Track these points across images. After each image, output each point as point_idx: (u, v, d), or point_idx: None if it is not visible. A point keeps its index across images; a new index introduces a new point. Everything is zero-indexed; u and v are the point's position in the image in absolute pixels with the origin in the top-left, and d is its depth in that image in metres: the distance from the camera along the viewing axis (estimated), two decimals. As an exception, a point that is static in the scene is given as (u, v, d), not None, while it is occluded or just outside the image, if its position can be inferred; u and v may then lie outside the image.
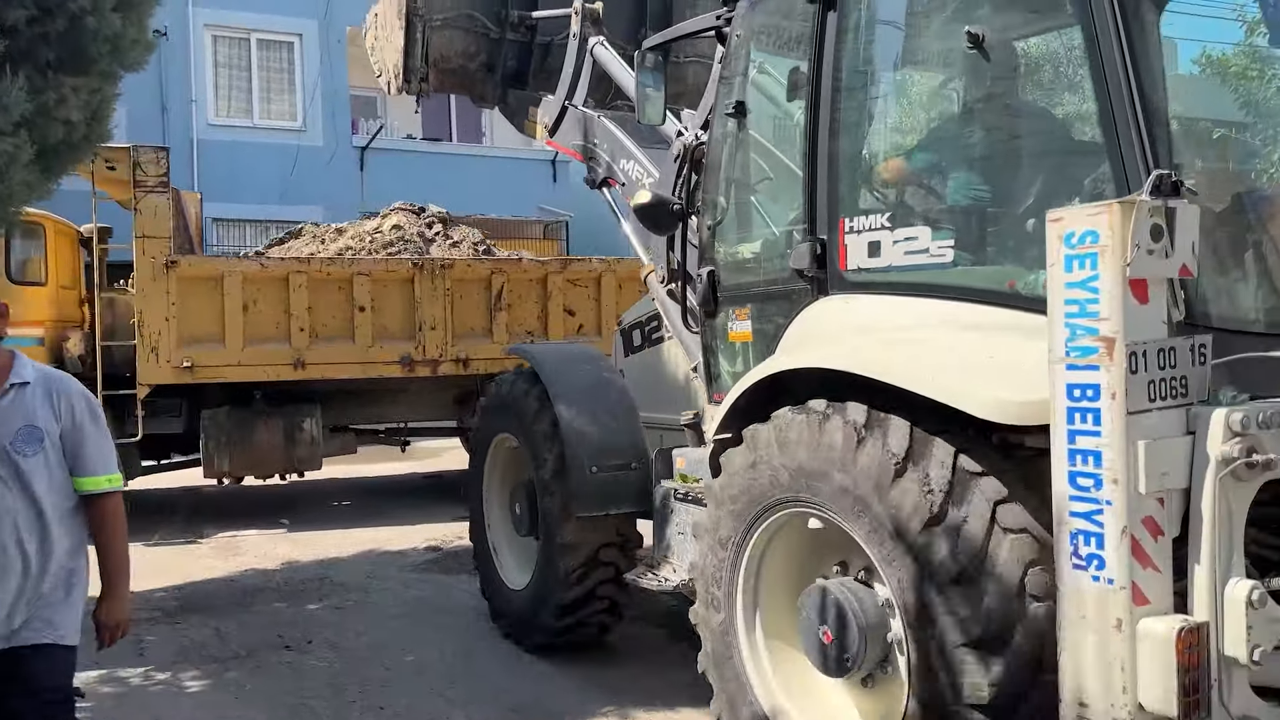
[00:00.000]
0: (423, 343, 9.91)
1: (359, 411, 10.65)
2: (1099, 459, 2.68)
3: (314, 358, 9.59)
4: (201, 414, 9.66)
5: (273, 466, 9.84)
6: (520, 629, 5.94)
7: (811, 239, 4.05)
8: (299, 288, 9.54)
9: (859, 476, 3.31)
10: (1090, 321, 2.69)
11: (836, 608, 3.48)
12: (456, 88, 7.96)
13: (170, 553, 8.82)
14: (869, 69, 4.11)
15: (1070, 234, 2.74)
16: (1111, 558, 2.67)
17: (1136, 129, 3.10)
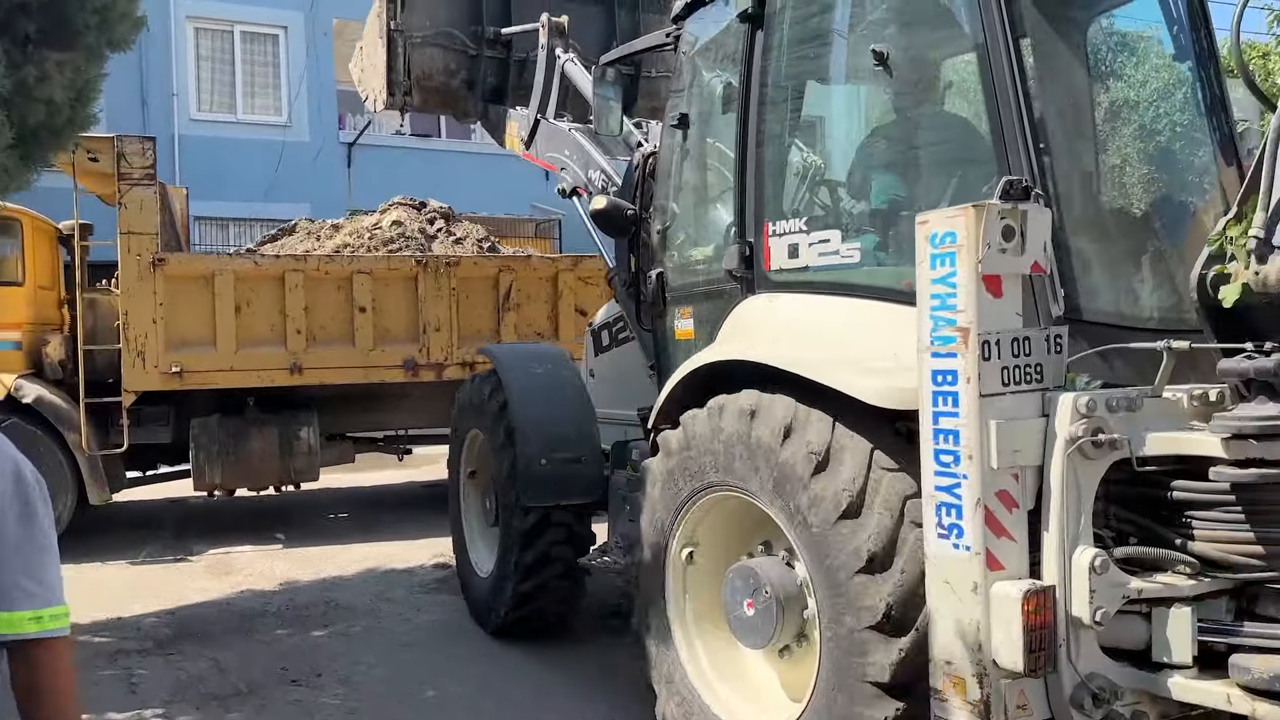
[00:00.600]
0: (427, 345, 9.33)
1: (357, 418, 10.07)
2: (957, 437, 2.96)
3: (311, 362, 9.00)
4: (191, 423, 9.05)
5: (268, 478, 9.24)
6: (482, 613, 6.28)
7: (740, 241, 4.38)
8: (295, 287, 8.95)
9: (760, 455, 3.65)
10: (950, 314, 2.96)
11: (755, 581, 3.78)
12: (440, 106, 8.24)
13: (158, 572, 8.21)
14: (790, 83, 4.39)
15: (935, 234, 3.01)
16: (968, 527, 2.94)
17: (1024, 141, 3.39)
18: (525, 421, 5.63)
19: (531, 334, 9.62)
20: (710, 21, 4.90)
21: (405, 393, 10.01)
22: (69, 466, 8.64)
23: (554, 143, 6.97)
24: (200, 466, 8.95)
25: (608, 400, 6.01)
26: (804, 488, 3.47)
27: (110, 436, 8.85)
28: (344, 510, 10.84)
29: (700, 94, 5.07)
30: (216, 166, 17.99)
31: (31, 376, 8.72)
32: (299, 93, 19.54)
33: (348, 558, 8.52)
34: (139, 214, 8.53)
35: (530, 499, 5.53)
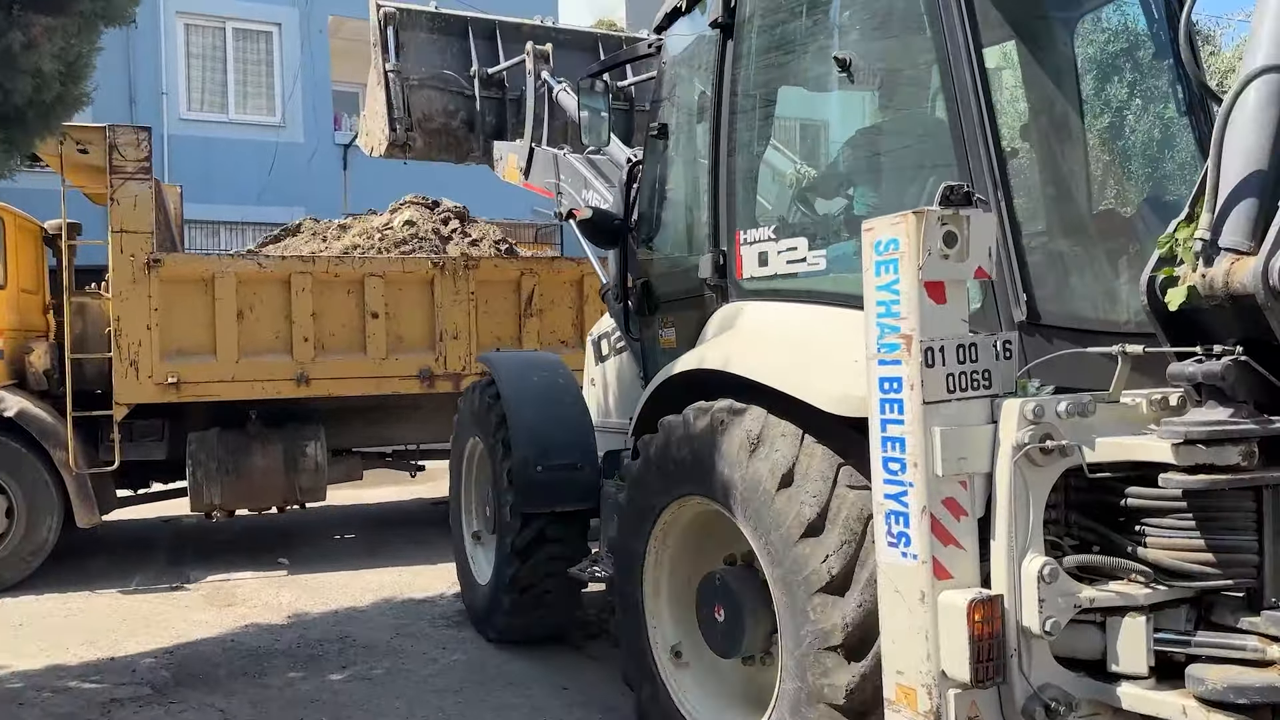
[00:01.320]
0: (444, 354, 8.65)
1: (365, 432, 9.36)
2: (903, 445, 2.93)
3: (320, 372, 8.31)
4: (187, 438, 8.33)
5: (272, 498, 8.53)
6: (482, 621, 6.26)
7: (714, 250, 4.42)
8: (302, 291, 8.26)
9: (729, 465, 3.65)
10: (893, 320, 2.94)
11: (724, 591, 3.87)
12: (444, 150, 8.75)
13: (152, 602, 7.48)
14: (759, 91, 4.38)
15: (879, 242, 2.99)
16: (915, 535, 2.90)
17: (985, 146, 3.36)
18: (521, 428, 5.65)
19: (555, 341, 8.95)
20: (687, 31, 4.93)
21: (415, 404, 9.33)
22: (55, 486, 7.91)
23: (550, 169, 7.21)
24: (198, 485, 8.23)
25: (606, 409, 6.06)
26: (769, 502, 3.46)
27: (100, 453, 8.14)
28: (350, 530, 10.11)
29: (679, 103, 5.10)
30: (207, 168, 17.28)
31: (14, 388, 7.99)
32: (293, 92, 18.86)
33: (360, 585, 7.82)
34: (133, 211, 7.82)
35: (525, 505, 5.54)
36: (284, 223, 18.87)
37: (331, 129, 19.33)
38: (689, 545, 4.24)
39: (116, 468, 7.99)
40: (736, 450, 3.62)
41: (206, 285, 8.07)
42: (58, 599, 7.56)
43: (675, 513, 4.15)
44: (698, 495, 3.92)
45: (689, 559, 4.25)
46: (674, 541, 4.27)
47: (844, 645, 3.22)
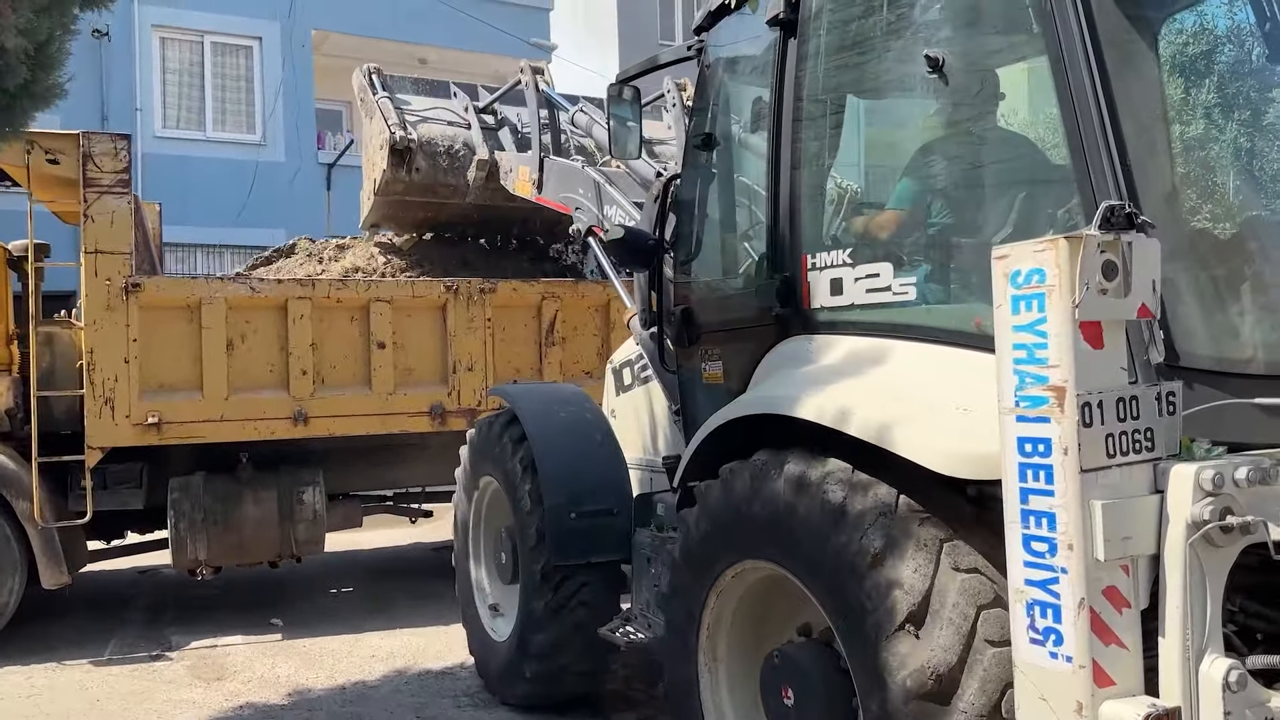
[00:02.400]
0: (457, 387, 7.76)
1: (367, 474, 8.43)
2: (1053, 521, 2.49)
3: (320, 409, 7.40)
4: (169, 484, 7.39)
5: (265, 552, 7.58)
6: (502, 682, 5.64)
7: (775, 276, 3.96)
8: (300, 318, 7.36)
9: (807, 532, 3.20)
10: (1039, 369, 2.53)
11: (796, 675, 3.40)
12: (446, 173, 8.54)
13: (130, 677, 6.51)
14: (828, 96, 3.98)
15: (1016, 272, 2.57)
16: (1069, 633, 2.46)
17: (1109, 158, 2.94)
18: (551, 471, 5.19)
19: (579, 372, 8.09)
20: (735, 31, 4.49)
21: (424, 443, 8.42)
22: (17, 541, 6.94)
23: (567, 182, 6.85)
24: (181, 539, 7.28)
25: (629, 443, 5.62)
26: (858, 582, 2.97)
27: (69, 503, 7.20)
28: (346, 583, 9.15)
29: (726, 111, 4.66)
30: (183, 187, 16.30)
31: (-29, 430, 7.03)
32: (274, 109, 17.97)
33: (365, 653, 6.89)
34: (109, 229, 6.91)
35: (558, 556, 5.08)
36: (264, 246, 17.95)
37: (315, 148, 18.44)
38: (754, 610, 3.77)
39: (89, 520, 7.03)
40: (819, 514, 3.13)
41: (192, 312, 7.16)
42: (19, 674, 6.57)
43: (739, 575, 3.65)
44: (767, 561, 3.43)
45: (753, 626, 3.79)
46: (736, 605, 3.78)
47: (938, 690, 2.73)
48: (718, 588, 3.73)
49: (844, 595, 3.03)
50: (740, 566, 3.61)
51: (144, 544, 8.13)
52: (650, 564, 4.89)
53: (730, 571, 3.65)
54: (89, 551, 7.68)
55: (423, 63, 19.47)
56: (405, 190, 8.52)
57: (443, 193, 8.59)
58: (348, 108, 20.21)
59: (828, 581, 3.12)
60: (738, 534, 3.56)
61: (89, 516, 7.00)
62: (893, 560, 2.92)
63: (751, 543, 3.50)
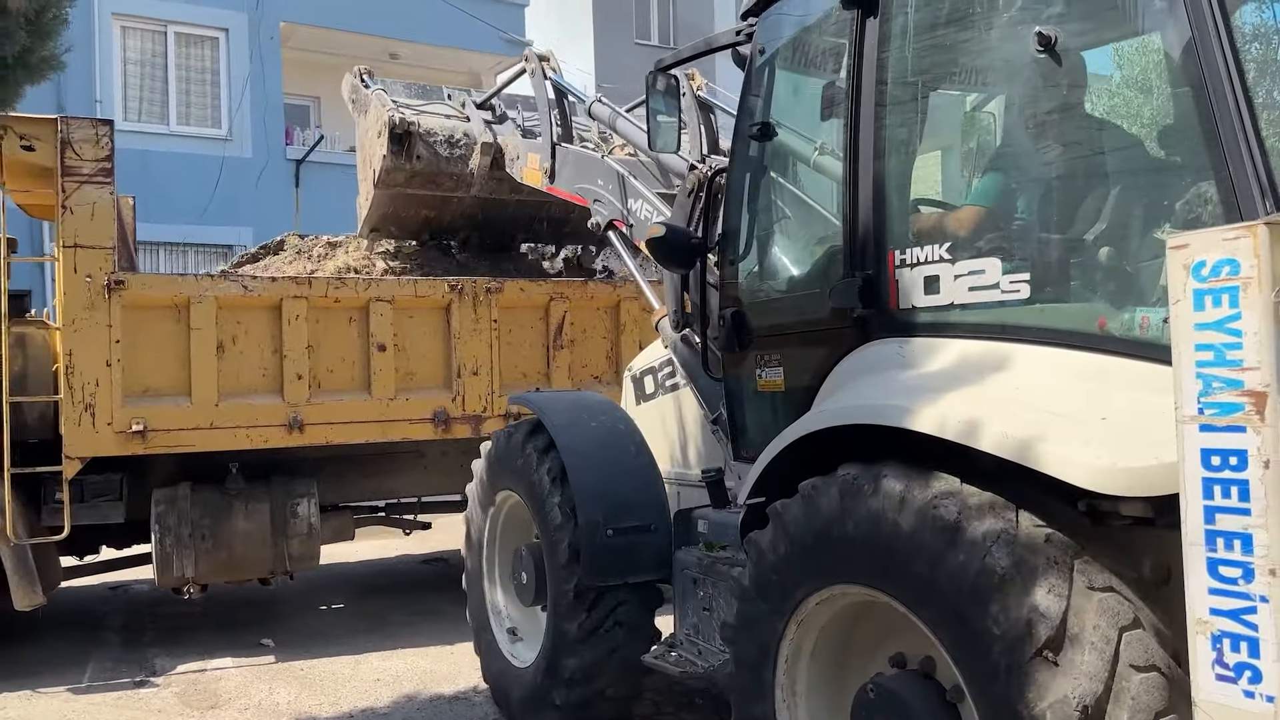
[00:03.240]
0: (462, 393, 7.33)
1: (360, 485, 7.97)
2: (1248, 543, 2.20)
3: (316, 416, 6.93)
4: (153, 496, 6.88)
5: (256, 568, 7.09)
6: (526, 710, 5.20)
7: (855, 275, 3.66)
8: (296, 319, 6.89)
9: (916, 554, 2.87)
10: (1231, 371, 2.24)
11: (897, 708, 3.06)
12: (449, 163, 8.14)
13: (114, 706, 6.00)
14: (919, 80, 3.66)
15: (1200, 264, 2.31)
16: (1271, 670, 2.19)
17: (1246, 142, 2.66)
18: (585, 485, 4.88)
19: (588, 378, 7.70)
20: (794, 14, 4.22)
21: (420, 452, 7.99)
22: (-13, 559, 6.40)
23: (584, 172, 6.54)
24: (167, 555, 6.77)
25: (655, 456, 5.26)
26: (981, 607, 2.69)
27: (43, 517, 6.66)
28: (337, 598, 8.66)
29: (783, 99, 4.34)
30: (145, 184, 15.46)
31: (-64, 438, 6.47)
32: (241, 103, 17.36)
33: (369, 676, 6.43)
34: (90, 221, 6.39)
35: (593, 577, 4.79)
36: (229, 244, 17.46)
37: (283, 143, 17.85)
38: (836, 641, 3.49)
39: (65, 536, 6.50)
40: (930, 534, 2.84)
41: (180, 312, 6.66)
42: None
43: (824, 602, 3.35)
44: (861, 586, 3.14)
45: (835, 658, 3.51)
46: (817, 636, 3.48)
47: None
48: (798, 617, 3.42)
49: (964, 622, 2.75)
50: (827, 593, 3.30)
51: (122, 560, 7.60)
52: (697, 585, 4.62)
53: (814, 599, 3.34)
54: (62, 569, 7.13)
55: (394, 57, 18.97)
56: (407, 181, 8.06)
57: (446, 184, 8.15)
58: (316, 103, 19.68)
59: (942, 608, 2.83)
60: (825, 557, 3.24)
61: (66, 532, 6.46)
62: (1022, 581, 2.64)
63: (842, 566, 3.19)
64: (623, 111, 6.62)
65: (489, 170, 8.00)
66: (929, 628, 2.90)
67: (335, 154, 18.17)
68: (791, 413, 3.95)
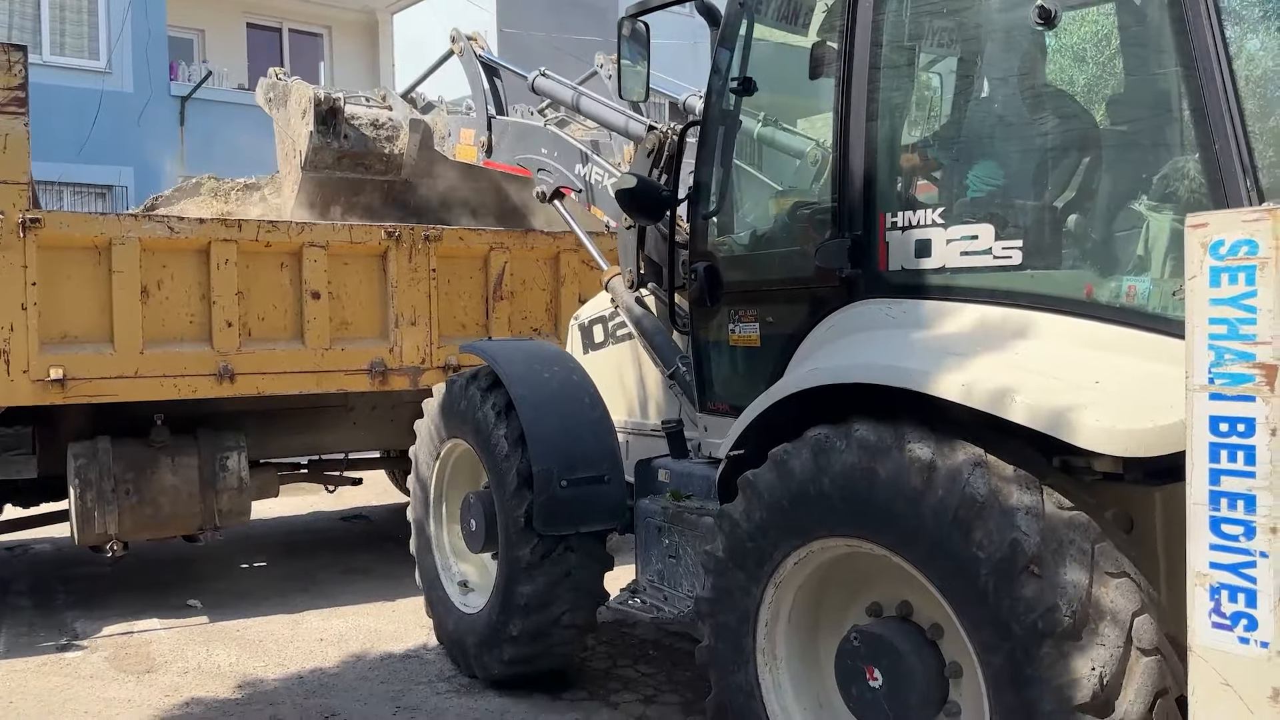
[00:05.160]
0: (399, 343, 7.07)
1: (286, 441, 7.64)
2: (1251, 503, 2.41)
3: (247, 365, 6.59)
4: (70, 450, 6.46)
5: (184, 524, 6.73)
6: (475, 657, 5.26)
7: (844, 235, 3.73)
8: (225, 263, 6.51)
9: (931, 516, 2.96)
10: (1245, 345, 2.42)
11: (893, 660, 3.21)
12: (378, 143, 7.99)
13: (41, 672, 5.65)
14: (915, 44, 3.77)
15: (1219, 243, 2.47)
16: (1266, 618, 2.40)
17: (1231, 123, 2.85)
18: (540, 436, 4.90)
19: (527, 329, 7.54)
20: None
21: (348, 405, 7.72)
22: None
23: (526, 142, 6.55)
24: (88, 511, 6.37)
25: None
26: (1004, 586, 2.80)
27: (-50, 473, 6.19)
28: (258, 557, 8.34)
29: (766, 54, 4.37)
30: (17, 118, 14.66)
31: None
32: (121, 33, 16.36)
33: (310, 636, 6.22)
34: (1, 154, 5.90)
35: (547, 526, 4.83)
36: (109, 184, 16.54)
37: (167, 79, 16.91)
38: (810, 600, 3.62)
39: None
40: (955, 503, 2.91)
41: (101, 254, 6.22)
42: (-99, 673, 5.62)
43: (806, 558, 3.45)
44: (860, 539, 3.22)
45: (809, 617, 3.65)
46: (794, 595, 3.59)
47: (1089, 702, 2.67)
48: (776, 579, 3.53)
49: (985, 600, 2.85)
50: (822, 544, 3.38)
51: (28, 519, 7.14)
52: (662, 534, 4.67)
53: (807, 548, 3.42)
54: (-35, 529, 6.68)
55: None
56: (336, 162, 7.80)
57: (376, 167, 7.98)
58: (200, 36, 18.72)
59: (963, 581, 2.92)
60: (830, 509, 3.29)
61: (-22, 488, 6.04)
62: (1048, 559, 2.77)
63: (848, 520, 3.25)
64: (568, 82, 6.56)
65: (419, 152, 7.84)
66: (940, 589, 3.00)
67: (223, 90, 17.36)
68: (767, 368, 4.06)
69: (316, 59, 20.32)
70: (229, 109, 16.72)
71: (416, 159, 7.95)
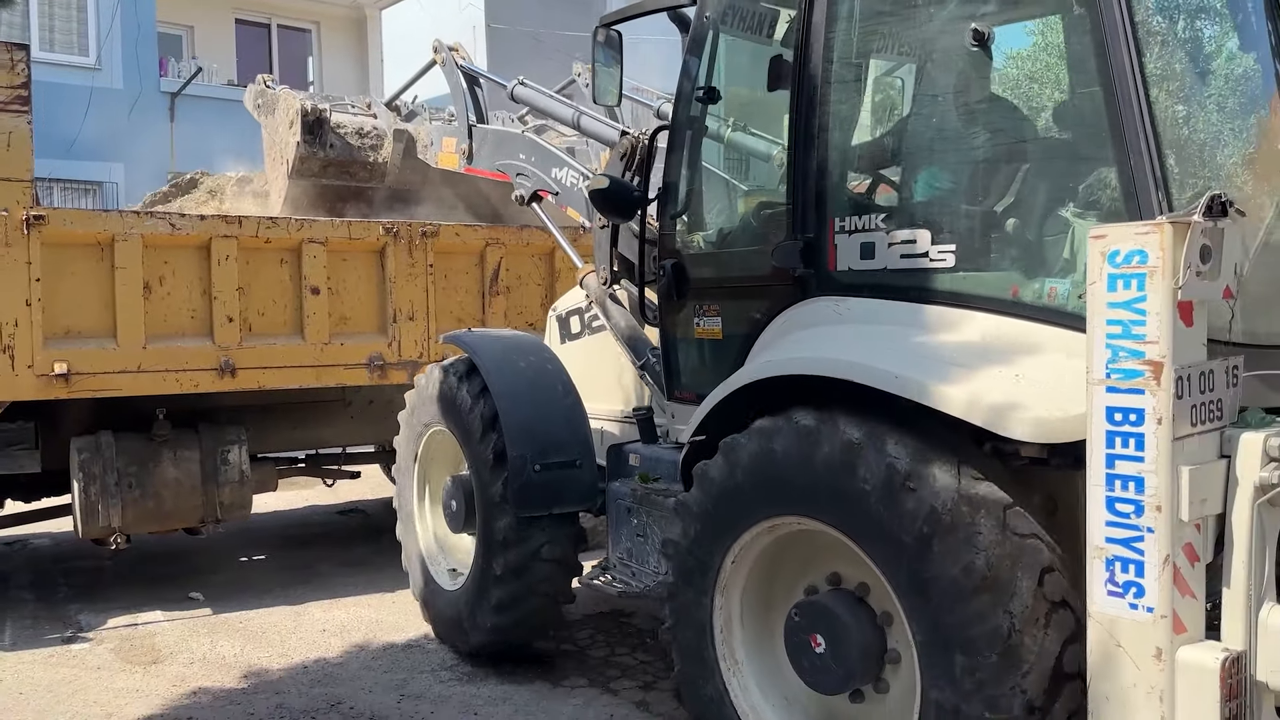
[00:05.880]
0: (398, 338, 7.16)
1: (285, 435, 7.73)
2: (1141, 485, 2.69)
3: (248, 360, 6.67)
4: (73, 445, 6.53)
5: (186, 517, 6.81)
6: (456, 631, 5.59)
7: (797, 237, 3.95)
8: (225, 259, 6.59)
9: (863, 493, 3.24)
10: (1135, 344, 2.70)
11: (831, 623, 3.48)
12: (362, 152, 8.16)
13: (48, 664, 5.73)
14: (862, 61, 4.03)
15: (1115, 252, 2.75)
16: (1153, 586, 2.69)
17: (1144, 132, 3.07)
18: (515, 423, 5.17)
19: (523, 324, 7.58)
20: None
21: (345, 400, 7.81)
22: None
23: (505, 148, 6.78)
24: (91, 504, 6.44)
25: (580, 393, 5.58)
26: (925, 550, 3.06)
27: (-42, 467, 6.26)
28: (256, 550, 8.42)
29: (729, 65, 4.61)
30: (6, 114, 14.65)
31: None
32: (111, 29, 16.36)
33: (313, 628, 6.31)
34: (6, 152, 5.98)
35: (522, 508, 5.10)
36: (98, 181, 16.54)
37: (157, 74, 16.93)
38: (766, 568, 3.88)
39: (-19, 487, 6.14)
40: (884, 483, 3.17)
41: (103, 250, 6.29)
42: (-91, 665, 5.69)
43: (763, 532, 3.72)
44: (810, 519, 3.48)
45: (763, 586, 3.91)
46: (753, 561, 3.85)
47: (1004, 650, 2.91)
48: (739, 545, 3.77)
49: (910, 565, 3.11)
50: (770, 523, 3.64)
51: (28, 514, 7.21)
52: (631, 514, 4.96)
53: (757, 528, 3.68)
54: (-32, 523, 6.75)
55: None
56: (322, 170, 7.95)
57: (360, 174, 8.12)
58: (189, 32, 18.72)
59: (885, 546, 3.19)
60: (772, 491, 3.57)
61: (-14, 482, 6.11)
62: (965, 528, 3.01)
63: (790, 500, 3.52)
64: (550, 92, 6.79)
65: (402, 160, 7.99)
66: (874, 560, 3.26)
67: (213, 87, 17.38)
68: (728, 359, 4.28)
69: (305, 54, 20.35)
70: (218, 105, 16.73)
71: (400, 167, 8.13)
